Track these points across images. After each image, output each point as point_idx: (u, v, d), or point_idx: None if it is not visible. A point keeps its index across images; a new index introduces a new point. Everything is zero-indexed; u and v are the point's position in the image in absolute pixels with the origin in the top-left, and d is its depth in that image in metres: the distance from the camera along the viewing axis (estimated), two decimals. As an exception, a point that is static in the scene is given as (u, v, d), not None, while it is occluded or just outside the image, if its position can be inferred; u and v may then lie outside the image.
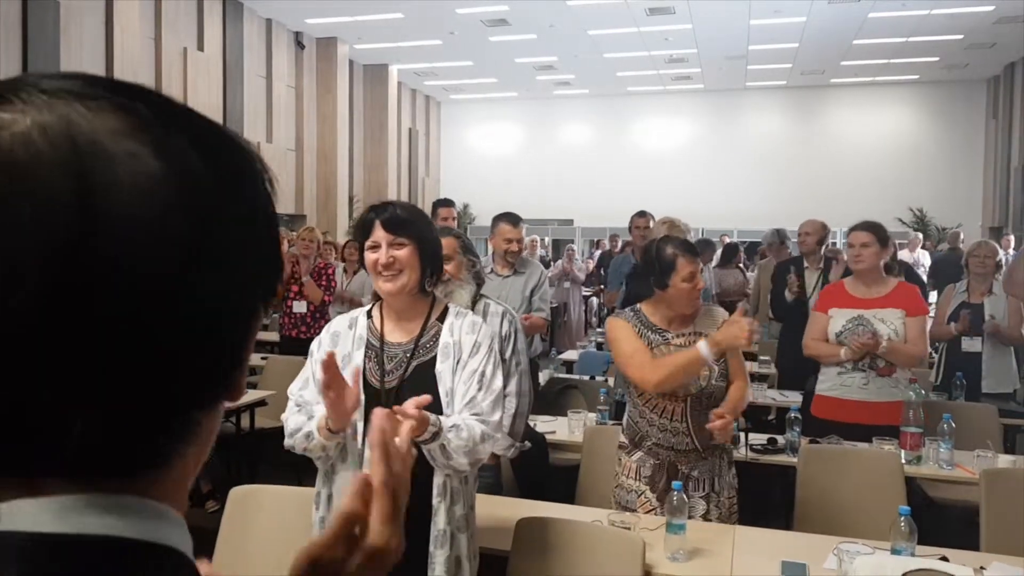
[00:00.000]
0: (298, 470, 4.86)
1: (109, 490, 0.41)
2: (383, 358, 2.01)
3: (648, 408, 2.63)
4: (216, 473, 4.66)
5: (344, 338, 2.05)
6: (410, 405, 1.68)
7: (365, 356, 2.02)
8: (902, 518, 2.19)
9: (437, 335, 2.03)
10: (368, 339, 2.04)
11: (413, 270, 1.96)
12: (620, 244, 11.49)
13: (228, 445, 4.53)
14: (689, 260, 2.58)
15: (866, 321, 3.48)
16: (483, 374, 1.97)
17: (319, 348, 2.06)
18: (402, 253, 1.95)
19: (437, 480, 1.93)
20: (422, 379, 1.98)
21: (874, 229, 3.61)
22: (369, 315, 2.10)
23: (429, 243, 2.01)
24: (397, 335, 2.04)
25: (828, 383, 3.60)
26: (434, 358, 2.00)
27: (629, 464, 2.67)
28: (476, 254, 3.04)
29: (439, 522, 1.92)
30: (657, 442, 2.62)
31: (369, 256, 1.98)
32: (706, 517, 2.59)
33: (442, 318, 2.06)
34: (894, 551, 2.18)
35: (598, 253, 12.93)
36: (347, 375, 1.85)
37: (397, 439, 0.71)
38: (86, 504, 0.40)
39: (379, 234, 1.97)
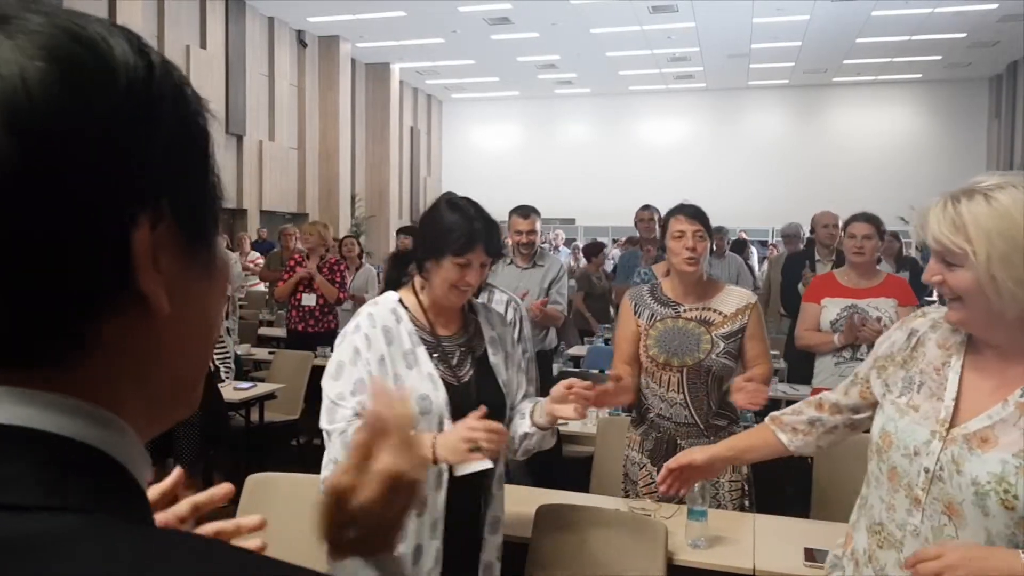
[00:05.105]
0: (307, 464, 4.84)
1: (20, 384, 0.42)
2: (444, 353, 1.95)
3: (649, 378, 2.66)
4: (225, 467, 4.64)
5: (396, 334, 1.91)
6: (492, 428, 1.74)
7: (429, 353, 1.92)
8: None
9: (478, 328, 2.03)
10: (420, 335, 1.94)
11: None
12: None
13: (237, 439, 4.51)
14: (679, 219, 2.62)
15: (860, 310, 3.49)
16: (525, 365, 2.09)
17: (369, 347, 1.87)
18: (484, 273, 1.94)
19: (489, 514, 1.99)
20: (485, 372, 1.98)
21: (875, 221, 3.64)
22: (403, 306, 2.00)
23: None
24: (443, 329, 1.99)
25: (824, 374, 3.59)
26: (485, 351, 2.01)
27: (635, 438, 2.72)
28: None
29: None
30: (659, 413, 2.65)
31: (456, 271, 1.87)
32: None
33: (470, 309, 2.08)
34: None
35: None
36: (413, 375, 1.85)
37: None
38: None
39: (480, 255, 1.88)
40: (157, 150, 0.44)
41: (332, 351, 6.12)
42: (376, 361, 1.85)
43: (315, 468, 3.72)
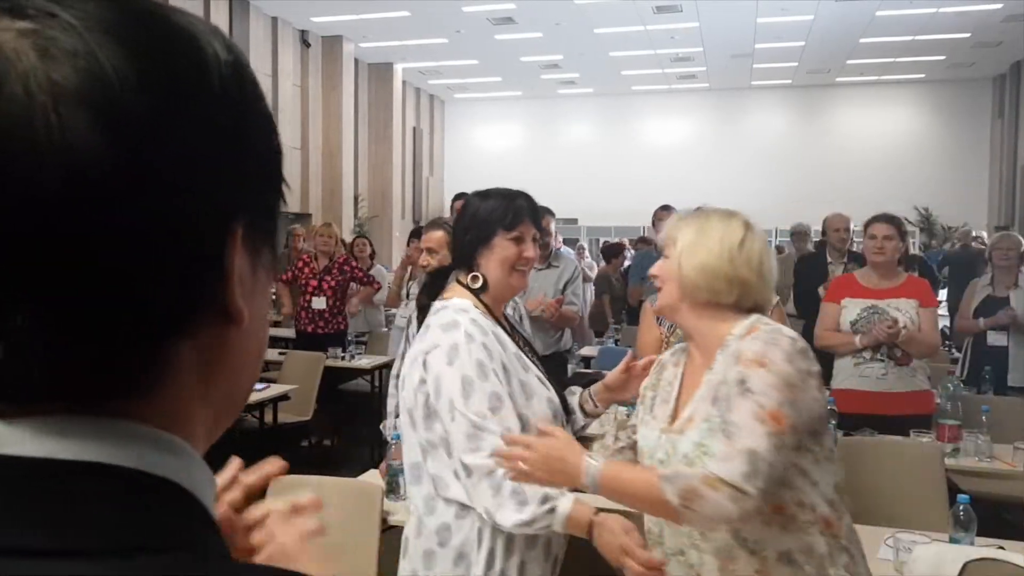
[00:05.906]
0: (319, 465, 4.82)
1: (92, 414, 0.39)
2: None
3: None
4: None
5: (502, 338, 1.80)
6: None
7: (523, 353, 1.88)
8: (961, 507, 2.16)
9: (519, 332, 2.02)
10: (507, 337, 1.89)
11: None
12: None
13: (250, 440, 4.49)
14: None
15: (881, 310, 3.49)
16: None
17: (491, 357, 1.70)
18: (536, 249, 1.88)
19: None
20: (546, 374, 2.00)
21: (895, 222, 3.66)
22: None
23: None
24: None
25: (843, 375, 3.58)
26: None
27: None
28: None
29: None
30: None
31: (512, 247, 1.80)
32: None
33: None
34: (952, 540, 2.14)
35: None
36: (532, 378, 1.77)
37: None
38: (64, 427, 0.38)
39: (529, 228, 1.82)
40: (251, 154, 0.42)
41: (344, 352, 6.00)
42: (500, 370, 1.70)
43: (326, 469, 3.67)
